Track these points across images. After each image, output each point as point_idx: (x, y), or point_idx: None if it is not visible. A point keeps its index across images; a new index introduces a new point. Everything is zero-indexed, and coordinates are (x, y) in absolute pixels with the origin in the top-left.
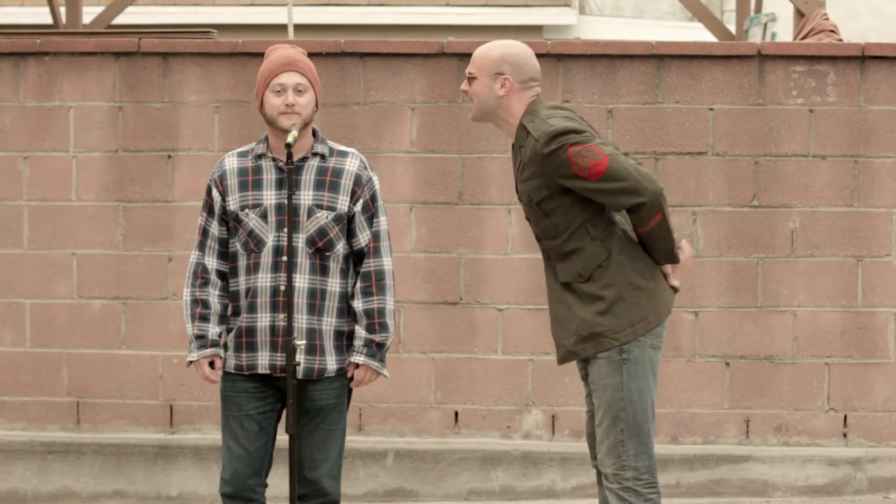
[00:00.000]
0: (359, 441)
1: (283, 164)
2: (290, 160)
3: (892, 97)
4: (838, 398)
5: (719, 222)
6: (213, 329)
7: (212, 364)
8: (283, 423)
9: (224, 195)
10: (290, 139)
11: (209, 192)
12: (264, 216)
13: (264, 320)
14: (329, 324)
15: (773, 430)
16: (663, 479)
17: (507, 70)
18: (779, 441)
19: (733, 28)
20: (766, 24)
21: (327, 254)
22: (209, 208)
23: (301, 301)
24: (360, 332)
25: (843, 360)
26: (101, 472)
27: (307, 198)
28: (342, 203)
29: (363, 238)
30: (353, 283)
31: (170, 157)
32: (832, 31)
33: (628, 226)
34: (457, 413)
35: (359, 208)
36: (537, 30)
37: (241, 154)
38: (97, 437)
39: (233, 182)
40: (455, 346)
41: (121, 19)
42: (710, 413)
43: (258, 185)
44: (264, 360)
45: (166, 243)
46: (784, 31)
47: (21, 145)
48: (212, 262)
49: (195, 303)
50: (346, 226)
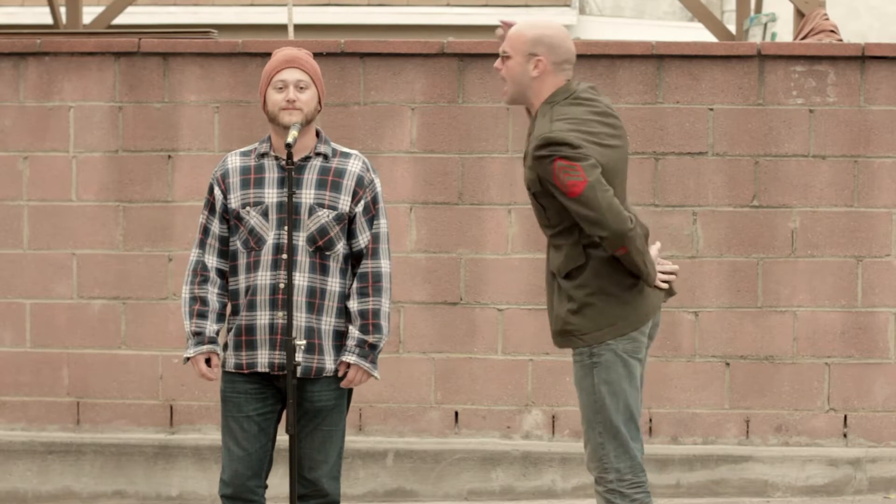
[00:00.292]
0: (359, 441)
1: (285, 162)
2: (290, 160)
3: (892, 97)
4: (838, 398)
5: (719, 222)
6: (211, 326)
7: (208, 361)
8: (283, 424)
9: (226, 193)
10: (290, 139)
11: (211, 190)
12: (265, 214)
13: (264, 318)
14: (328, 323)
15: (773, 430)
16: (663, 479)
17: (541, 51)
18: (779, 441)
19: (733, 28)
20: (766, 24)
21: (327, 253)
22: (210, 206)
23: (300, 299)
24: (354, 332)
25: (843, 360)
26: (101, 472)
27: (309, 196)
28: (343, 203)
29: (363, 239)
30: (351, 284)
31: (170, 157)
32: (832, 31)
33: None
34: (457, 413)
35: (360, 210)
36: None
37: (244, 153)
38: (97, 437)
39: (235, 180)
40: (455, 346)
41: (121, 19)
42: (710, 413)
43: (260, 184)
44: (264, 358)
45: (166, 243)
46: (784, 31)
47: (21, 145)
48: (212, 261)
49: (194, 300)
50: (347, 226)
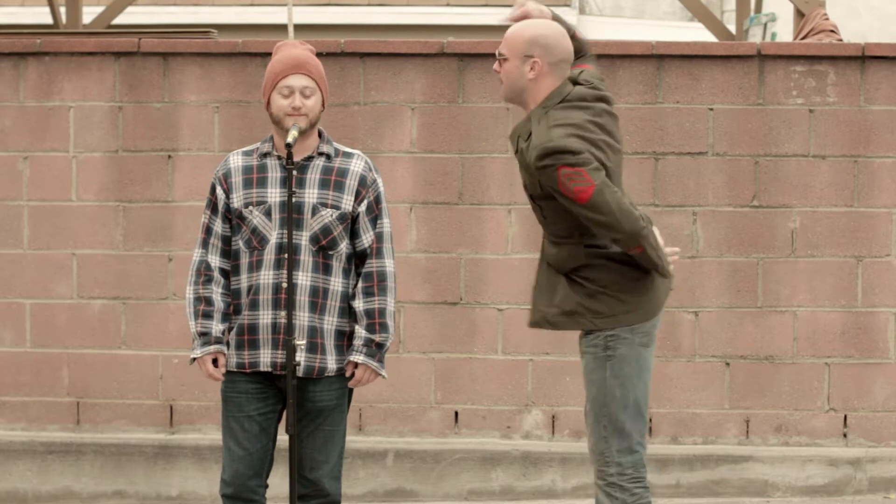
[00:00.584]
0: (359, 441)
1: (286, 162)
2: (290, 159)
3: (892, 97)
4: (838, 398)
5: (719, 222)
6: (217, 326)
7: (215, 361)
8: (283, 424)
9: (228, 192)
10: (290, 139)
11: (213, 189)
12: (268, 213)
13: (266, 318)
14: (330, 323)
15: (773, 430)
16: (663, 479)
17: (537, 52)
18: (779, 441)
19: (733, 28)
20: (766, 24)
21: (330, 252)
22: (213, 206)
23: (303, 299)
24: (360, 331)
25: (843, 360)
26: (101, 472)
27: (312, 196)
28: (346, 202)
29: (366, 239)
30: (355, 284)
31: (170, 157)
32: (832, 31)
33: None
34: (457, 413)
35: (363, 209)
36: None
37: (247, 153)
38: (97, 437)
39: (237, 179)
40: (455, 346)
41: (121, 19)
42: (710, 413)
43: (263, 183)
44: (266, 357)
45: (166, 243)
46: (784, 31)
47: (21, 145)
48: (215, 260)
49: (198, 300)
50: (350, 226)
